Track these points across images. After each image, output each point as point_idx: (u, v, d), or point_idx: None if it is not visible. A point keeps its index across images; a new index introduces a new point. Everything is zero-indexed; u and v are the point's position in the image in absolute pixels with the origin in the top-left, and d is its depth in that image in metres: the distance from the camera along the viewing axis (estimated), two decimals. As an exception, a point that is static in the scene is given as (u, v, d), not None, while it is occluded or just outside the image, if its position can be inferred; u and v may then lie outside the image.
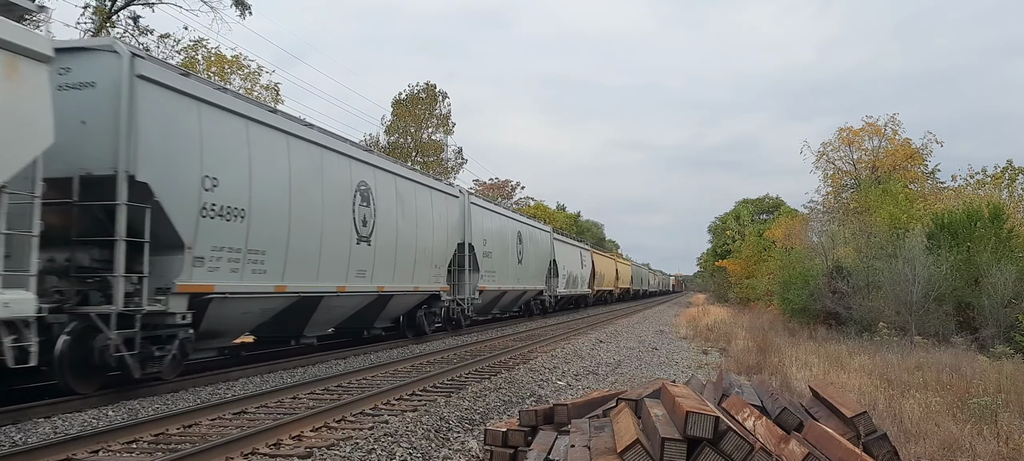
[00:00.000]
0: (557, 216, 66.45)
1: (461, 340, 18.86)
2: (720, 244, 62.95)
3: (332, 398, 9.50)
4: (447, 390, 10.32)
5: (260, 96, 28.22)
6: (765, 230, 46.43)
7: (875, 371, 11.66)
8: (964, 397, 8.67)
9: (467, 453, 6.82)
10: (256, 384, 10.94)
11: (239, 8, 27.48)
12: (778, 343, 17.07)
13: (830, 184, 37.56)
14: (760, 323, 24.84)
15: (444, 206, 19.57)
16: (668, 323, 29.96)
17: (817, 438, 4.15)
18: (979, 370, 11.29)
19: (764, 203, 65.16)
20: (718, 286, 64.76)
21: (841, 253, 25.08)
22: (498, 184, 59.69)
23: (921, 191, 33.18)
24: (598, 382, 12.02)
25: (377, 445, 6.72)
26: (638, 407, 4.58)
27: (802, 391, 8.51)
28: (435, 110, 47.21)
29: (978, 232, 20.33)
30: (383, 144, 45.19)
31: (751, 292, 41.29)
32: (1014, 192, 31.55)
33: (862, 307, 20.30)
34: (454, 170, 48.08)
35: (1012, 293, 17.71)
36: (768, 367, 12.78)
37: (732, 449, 3.71)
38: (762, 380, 7.64)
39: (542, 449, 4.65)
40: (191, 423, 7.82)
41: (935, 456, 6.07)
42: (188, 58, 27.59)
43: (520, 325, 26.04)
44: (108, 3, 25.37)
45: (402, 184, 16.92)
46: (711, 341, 20.47)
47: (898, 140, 35.53)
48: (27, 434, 7.29)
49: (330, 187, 13.57)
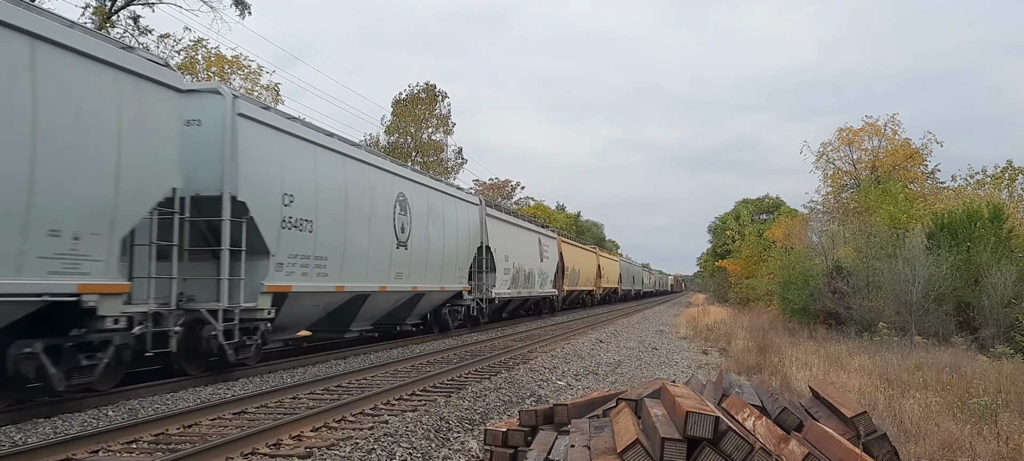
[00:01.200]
0: (557, 216, 66.45)
1: (461, 340, 18.87)
2: (720, 244, 62.90)
3: (332, 398, 9.50)
4: (447, 390, 10.32)
5: (260, 96, 28.22)
6: (765, 230, 46.42)
7: (875, 371, 11.65)
8: (964, 397, 8.67)
9: (467, 453, 6.82)
10: (256, 384, 10.94)
11: (239, 8, 27.50)
12: (778, 343, 17.06)
13: (830, 184, 37.59)
14: (760, 323, 24.84)
15: (466, 213, 21.56)
16: (668, 323, 29.96)
17: (817, 438, 4.15)
18: (979, 370, 11.29)
19: (764, 203, 65.17)
20: (718, 286, 64.61)
21: (841, 253, 25.08)
22: (498, 184, 59.72)
23: (921, 191, 33.18)
24: (598, 382, 12.02)
25: (377, 445, 6.72)
26: (638, 407, 4.58)
27: (802, 391, 8.52)
28: (435, 110, 47.22)
29: (978, 232, 20.34)
30: (383, 144, 45.19)
31: (751, 292, 41.27)
32: (1014, 192, 31.57)
33: (862, 307, 20.29)
34: (454, 170, 48.11)
35: (1012, 293, 17.71)
36: (768, 367, 12.78)
37: (732, 449, 3.71)
38: (762, 380, 7.64)
39: (542, 449, 4.65)
40: (191, 423, 7.82)
41: (935, 456, 6.07)
42: (188, 58, 27.59)
43: (520, 325, 26.04)
44: (108, 3, 25.37)
45: (432, 195, 19.08)
46: (711, 341, 20.47)
47: (898, 140, 35.56)
48: (27, 434, 7.30)
49: (376, 200, 15.57)
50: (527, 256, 28.19)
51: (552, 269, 33.00)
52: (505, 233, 25.36)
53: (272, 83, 31.10)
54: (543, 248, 31.01)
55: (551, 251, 32.85)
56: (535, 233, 30.27)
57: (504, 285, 24.82)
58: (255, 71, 29.94)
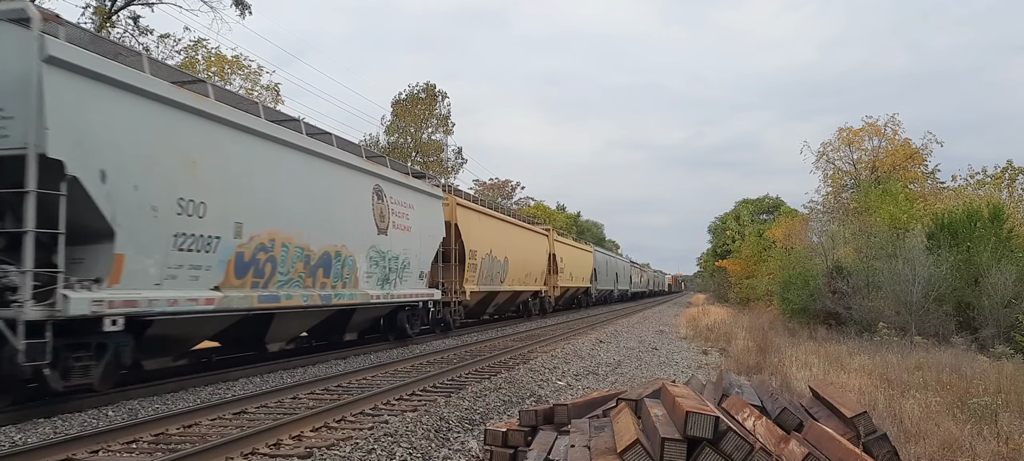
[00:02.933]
0: (557, 216, 66.38)
1: (461, 340, 18.86)
2: (720, 244, 62.92)
3: (332, 398, 9.50)
4: (447, 390, 10.32)
5: (260, 96, 28.21)
6: (765, 230, 46.42)
7: (875, 371, 11.65)
8: (964, 397, 8.66)
9: (467, 453, 6.82)
10: (256, 384, 10.94)
11: (239, 8, 27.50)
12: (778, 343, 17.06)
13: (830, 184, 37.64)
14: (760, 323, 24.82)
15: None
16: (668, 323, 29.96)
17: (817, 438, 4.15)
18: (979, 370, 11.28)
19: (764, 203, 65.15)
20: (718, 286, 64.59)
21: (841, 253, 25.08)
22: (498, 184, 59.73)
23: (921, 191, 33.20)
24: (598, 382, 12.01)
25: (377, 445, 6.72)
26: (638, 407, 4.58)
27: (802, 391, 8.51)
28: (435, 110, 47.23)
29: (978, 232, 20.35)
30: (383, 144, 45.20)
31: (751, 292, 41.27)
32: (1014, 192, 31.62)
33: (862, 307, 20.29)
34: (454, 170, 48.12)
35: (1012, 293, 17.72)
36: (768, 367, 12.78)
37: (732, 449, 3.70)
38: (762, 380, 7.64)
39: (542, 449, 4.65)
40: (191, 423, 7.82)
41: (935, 456, 6.06)
42: (188, 58, 27.59)
43: (520, 325, 26.03)
44: (108, 3, 25.37)
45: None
46: (711, 341, 20.46)
47: (898, 140, 35.62)
48: (27, 434, 7.29)
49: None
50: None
51: (420, 250, 17.38)
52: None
53: (272, 83, 31.15)
54: (387, 206, 15.63)
55: (422, 217, 17.40)
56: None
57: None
58: (255, 71, 29.97)
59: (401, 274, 16.59)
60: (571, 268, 36.66)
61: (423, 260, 17.84)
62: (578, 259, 39.00)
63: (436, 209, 18.95)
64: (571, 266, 36.71)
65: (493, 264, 23.48)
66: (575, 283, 37.97)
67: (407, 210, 16.91)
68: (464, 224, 21.10)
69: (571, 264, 36.73)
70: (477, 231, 22.14)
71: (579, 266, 39.02)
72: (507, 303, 27.45)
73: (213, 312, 10.40)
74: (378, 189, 15.47)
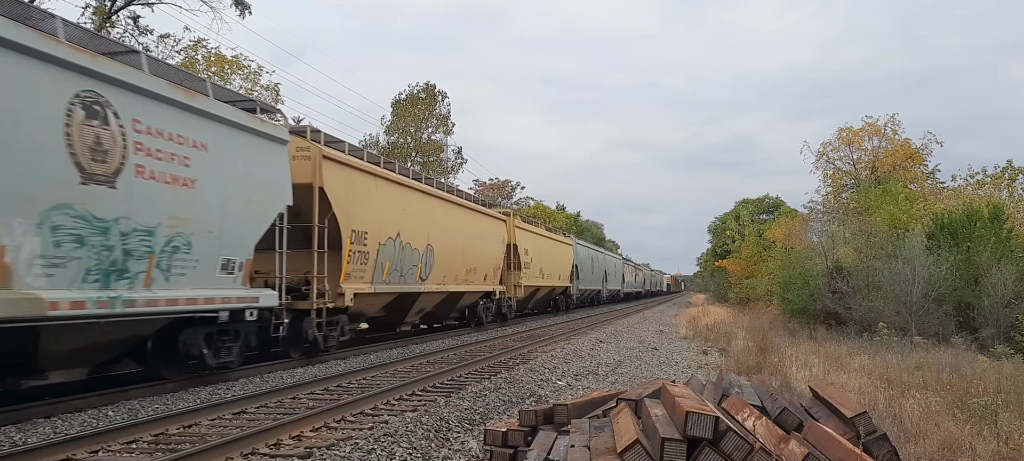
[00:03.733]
0: (557, 216, 66.37)
1: (461, 340, 18.86)
2: (720, 244, 62.90)
3: (332, 398, 9.50)
4: (447, 390, 10.32)
5: (260, 95, 28.21)
6: (765, 230, 46.43)
7: (875, 371, 11.65)
8: (964, 397, 8.67)
9: (467, 453, 6.81)
10: (256, 384, 10.94)
11: (239, 8, 27.52)
12: (778, 343, 17.06)
13: (830, 184, 37.65)
14: (760, 323, 24.82)
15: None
16: (668, 323, 29.96)
17: (817, 438, 4.15)
18: (979, 370, 11.29)
19: (764, 203, 65.17)
20: (718, 286, 64.56)
21: (841, 253, 25.09)
22: (498, 184, 59.72)
23: (921, 191, 33.21)
24: (598, 382, 12.01)
25: (377, 445, 6.72)
26: (638, 407, 4.58)
27: (802, 391, 8.51)
28: (435, 110, 47.25)
29: (978, 232, 20.35)
30: (383, 144, 45.21)
31: (751, 292, 41.27)
32: (1014, 192, 31.62)
33: (862, 307, 20.30)
34: (454, 170, 48.13)
35: (1012, 293, 17.73)
36: (768, 367, 12.78)
37: (732, 449, 3.70)
38: (762, 380, 7.64)
39: (542, 449, 4.65)
40: (191, 423, 7.82)
41: (935, 456, 6.06)
42: (188, 58, 27.60)
43: (520, 325, 26.03)
44: (108, 3, 25.37)
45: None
46: (711, 341, 20.46)
47: (898, 140, 35.63)
48: (27, 434, 7.29)
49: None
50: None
51: (224, 221, 10.60)
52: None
53: (272, 83, 31.15)
54: (122, 135, 8.79)
55: (230, 165, 10.68)
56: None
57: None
58: (255, 71, 29.98)
59: (169, 263, 9.52)
60: (541, 263, 29.95)
61: (236, 240, 10.87)
62: (551, 253, 32.01)
63: (270, 157, 11.72)
64: (541, 261, 29.95)
65: (403, 253, 16.78)
66: (548, 282, 31.34)
67: (186, 151, 9.82)
68: (340, 189, 13.97)
69: (541, 259, 29.95)
70: (368, 202, 15.19)
71: (553, 261, 32.21)
72: (437, 308, 20.39)
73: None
74: (94, 100, 8.37)
